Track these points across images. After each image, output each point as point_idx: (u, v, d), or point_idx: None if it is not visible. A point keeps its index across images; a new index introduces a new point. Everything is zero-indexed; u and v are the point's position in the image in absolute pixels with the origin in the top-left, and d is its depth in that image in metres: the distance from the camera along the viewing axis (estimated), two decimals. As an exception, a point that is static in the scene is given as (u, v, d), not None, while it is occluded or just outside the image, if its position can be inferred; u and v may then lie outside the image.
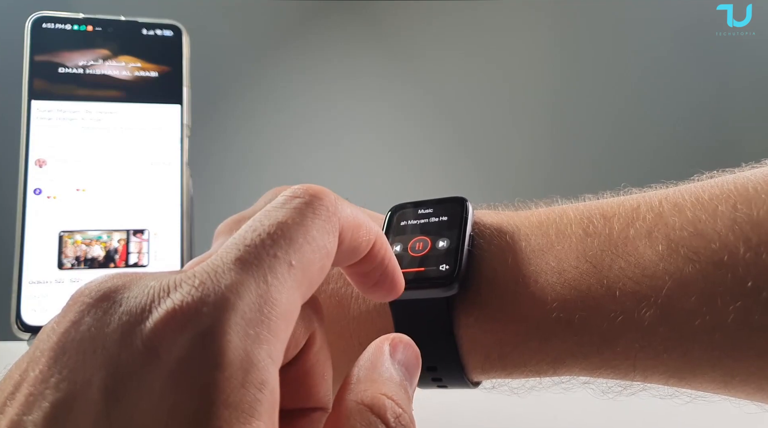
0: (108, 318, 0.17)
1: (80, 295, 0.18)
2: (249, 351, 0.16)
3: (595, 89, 1.30)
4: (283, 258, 0.18)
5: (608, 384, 0.28)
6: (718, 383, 0.25)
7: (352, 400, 0.19)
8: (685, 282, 0.25)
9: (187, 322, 0.16)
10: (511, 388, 0.30)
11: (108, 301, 0.17)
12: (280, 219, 0.19)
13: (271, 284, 0.17)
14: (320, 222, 0.19)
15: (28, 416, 0.15)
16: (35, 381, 0.16)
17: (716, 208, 0.25)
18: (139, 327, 0.16)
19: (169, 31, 0.60)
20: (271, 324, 0.17)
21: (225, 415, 0.15)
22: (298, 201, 0.19)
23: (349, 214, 0.21)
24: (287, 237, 0.18)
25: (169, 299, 0.16)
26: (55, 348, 0.17)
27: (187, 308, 0.16)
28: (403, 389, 0.20)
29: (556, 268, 0.27)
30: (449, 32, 1.30)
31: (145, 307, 0.17)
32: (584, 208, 0.29)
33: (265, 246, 0.18)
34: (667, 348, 0.25)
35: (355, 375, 0.20)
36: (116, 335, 0.16)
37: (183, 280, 0.17)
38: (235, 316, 0.16)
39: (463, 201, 0.30)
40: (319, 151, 1.23)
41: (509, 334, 0.27)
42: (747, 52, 1.24)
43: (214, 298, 0.16)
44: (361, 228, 0.21)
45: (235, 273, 0.17)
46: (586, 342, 0.26)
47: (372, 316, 0.30)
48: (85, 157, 0.56)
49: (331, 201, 0.20)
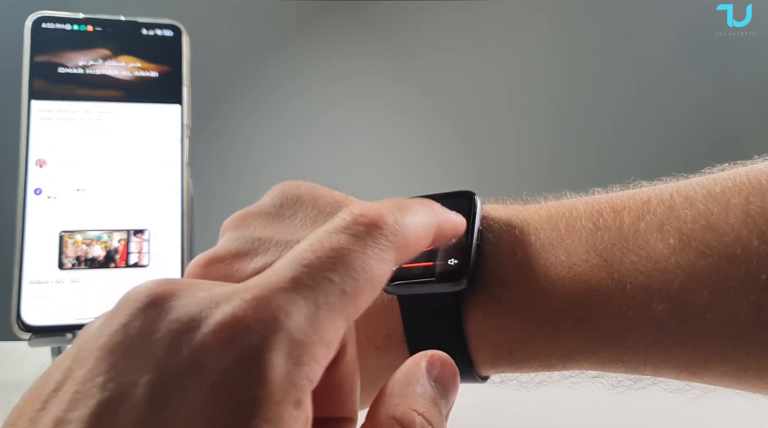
0: (157, 325, 0.17)
1: (128, 299, 0.18)
2: (290, 371, 0.16)
3: (596, 89, 1.30)
4: (337, 284, 0.18)
5: (618, 378, 0.28)
6: (730, 377, 0.25)
7: (383, 413, 0.19)
8: (697, 276, 0.24)
9: (235, 336, 0.16)
10: (520, 382, 0.30)
11: (157, 308, 0.17)
12: (342, 243, 0.19)
13: (321, 308, 0.17)
14: (378, 252, 0.19)
15: (73, 413, 0.16)
16: (82, 379, 0.16)
17: (729, 200, 0.25)
18: (187, 336, 0.16)
19: (169, 31, 0.60)
20: (315, 349, 0.17)
21: None
22: (359, 228, 0.19)
23: (408, 234, 0.21)
24: (344, 264, 0.18)
25: (220, 311, 0.17)
26: (103, 349, 0.17)
27: (237, 322, 0.16)
28: (437, 407, 0.20)
29: (566, 262, 0.27)
30: (449, 31, 1.30)
31: (194, 317, 0.17)
32: (594, 202, 0.29)
33: (322, 270, 0.18)
34: (679, 342, 0.25)
35: (390, 388, 0.20)
36: (165, 342, 0.16)
37: (235, 294, 0.17)
38: (282, 336, 0.16)
39: (471, 195, 0.30)
40: (319, 150, 1.23)
41: (518, 329, 0.27)
42: (747, 52, 1.24)
43: (265, 316, 0.16)
44: (419, 241, 0.22)
45: (288, 293, 0.17)
46: (597, 336, 0.26)
47: (380, 311, 0.29)
48: (85, 157, 0.56)
49: (391, 229, 0.20)
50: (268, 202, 0.34)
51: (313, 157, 1.21)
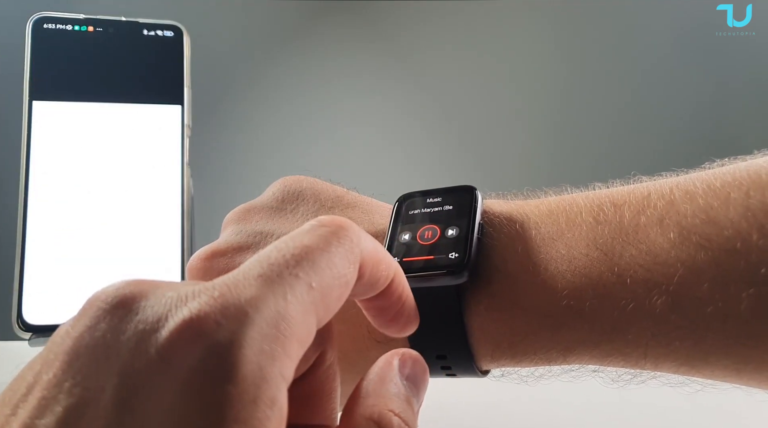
0: (123, 326, 0.17)
1: (96, 300, 0.18)
2: (263, 366, 0.16)
3: (596, 88, 1.30)
4: (304, 279, 0.18)
5: (618, 372, 0.28)
6: (730, 371, 0.25)
7: (360, 414, 0.19)
8: (698, 270, 0.24)
9: (203, 333, 0.16)
10: (520, 376, 0.30)
11: (124, 309, 0.17)
12: (306, 242, 0.19)
13: (290, 302, 0.17)
14: (343, 252, 0.19)
15: (40, 420, 0.15)
16: (48, 384, 0.16)
17: (728, 194, 0.25)
18: (154, 335, 0.16)
19: (170, 31, 0.60)
20: (286, 343, 0.16)
21: None
22: (324, 229, 0.20)
23: (371, 247, 0.21)
24: (310, 260, 0.18)
25: (186, 308, 0.16)
26: (70, 353, 0.16)
27: (204, 318, 0.16)
28: (410, 405, 0.20)
29: (567, 256, 0.27)
30: (450, 31, 1.31)
31: (161, 317, 0.16)
32: (594, 196, 0.29)
33: (288, 266, 0.18)
34: (679, 336, 0.25)
35: (364, 388, 0.20)
36: (131, 343, 0.16)
37: (202, 291, 0.17)
38: (252, 330, 0.16)
39: (472, 189, 0.30)
40: (319, 150, 1.23)
41: (519, 323, 0.27)
42: (747, 52, 1.24)
43: (232, 311, 0.16)
44: (381, 263, 0.22)
45: (256, 288, 0.17)
46: (597, 330, 0.26)
47: None
48: (86, 157, 0.56)
49: (356, 233, 0.20)
50: (270, 196, 0.35)
51: (313, 157, 1.21)
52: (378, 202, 0.35)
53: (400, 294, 0.23)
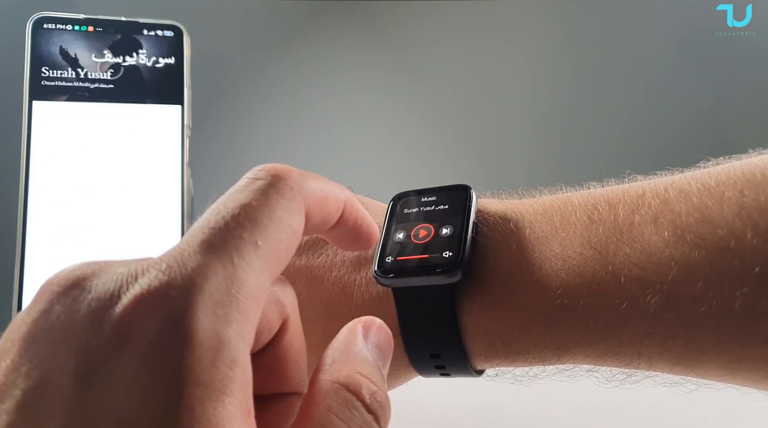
0: (77, 306, 0.17)
1: (49, 285, 0.18)
2: (218, 331, 0.16)
3: (595, 88, 1.30)
4: (248, 239, 0.18)
5: (612, 372, 0.28)
6: (724, 370, 0.25)
7: (327, 380, 0.19)
8: (691, 268, 0.24)
9: (156, 306, 0.16)
10: (514, 376, 0.30)
11: (77, 289, 0.17)
12: (244, 201, 0.19)
13: (238, 265, 0.17)
14: (285, 202, 0.19)
15: (0, 406, 0.15)
16: (6, 371, 0.16)
17: (723, 193, 0.25)
18: (108, 312, 0.16)
19: (170, 31, 0.60)
20: (240, 304, 0.17)
21: (197, 394, 0.15)
22: (260, 182, 0.20)
23: (314, 188, 0.21)
24: (252, 219, 0.18)
25: (137, 284, 0.17)
26: (26, 338, 0.17)
27: (155, 292, 0.16)
28: (377, 369, 0.20)
29: (561, 255, 0.27)
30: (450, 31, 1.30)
31: (114, 293, 0.17)
32: (589, 195, 0.29)
33: (230, 229, 0.18)
34: (673, 335, 0.25)
35: (330, 356, 0.20)
36: (86, 321, 0.16)
37: (150, 265, 0.17)
38: (203, 298, 0.16)
39: (467, 188, 0.30)
40: (320, 150, 1.23)
41: (513, 321, 0.27)
42: (747, 52, 1.23)
43: (181, 281, 0.16)
44: (328, 199, 0.22)
45: (201, 256, 0.17)
46: (591, 329, 0.26)
47: (375, 303, 0.29)
48: (86, 157, 0.56)
49: (294, 179, 0.20)
50: None
51: (314, 157, 1.21)
52: (373, 201, 0.35)
53: (354, 220, 0.24)
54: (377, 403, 0.19)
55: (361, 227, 0.24)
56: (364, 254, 0.31)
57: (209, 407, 0.15)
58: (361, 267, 0.31)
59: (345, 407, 0.18)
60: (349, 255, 0.31)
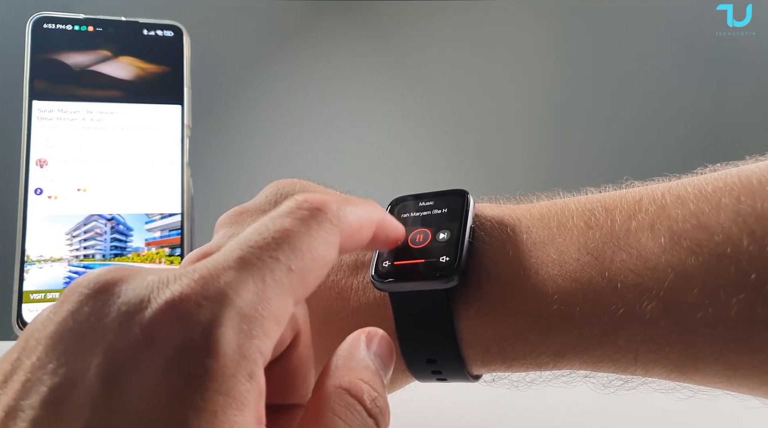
0: (107, 309, 0.17)
1: (78, 286, 0.18)
2: (241, 344, 0.17)
3: (595, 89, 1.30)
4: (284, 262, 0.18)
5: (609, 378, 0.28)
6: (720, 377, 0.25)
7: (331, 385, 0.20)
8: (688, 275, 0.24)
9: (185, 313, 0.16)
10: (511, 381, 0.30)
11: (107, 293, 0.18)
12: (287, 226, 0.19)
13: (269, 285, 0.18)
14: (323, 234, 0.20)
15: (25, 401, 0.16)
16: (32, 368, 0.17)
17: (720, 200, 0.25)
18: (138, 316, 0.17)
19: (170, 31, 0.60)
20: (264, 323, 0.17)
21: (220, 401, 0.16)
22: (303, 212, 0.20)
23: (351, 221, 0.22)
24: (290, 244, 0.19)
25: (169, 290, 0.17)
26: (53, 337, 0.17)
27: (186, 299, 0.17)
28: (378, 376, 0.21)
29: (557, 261, 0.27)
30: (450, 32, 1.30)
31: (144, 298, 0.17)
32: (586, 201, 0.29)
33: (269, 249, 0.18)
34: (669, 341, 0.25)
35: (334, 363, 0.21)
36: (115, 324, 0.17)
37: (183, 274, 0.18)
38: (232, 311, 0.17)
39: (464, 193, 0.30)
40: (319, 150, 1.23)
41: (509, 327, 0.27)
42: (747, 52, 1.23)
43: (213, 293, 0.17)
44: (362, 229, 0.23)
45: (236, 271, 0.18)
46: (587, 335, 0.26)
47: (372, 308, 0.29)
48: (86, 157, 0.56)
49: (334, 214, 0.21)
50: (263, 199, 0.35)
51: (313, 157, 1.21)
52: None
53: (384, 238, 0.25)
54: (377, 408, 0.20)
55: (390, 237, 0.26)
56: (361, 258, 0.31)
57: (230, 414, 0.16)
58: (358, 271, 0.30)
59: (347, 410, 0.19)
60: (347, 260, 0.31)
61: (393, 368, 0.23)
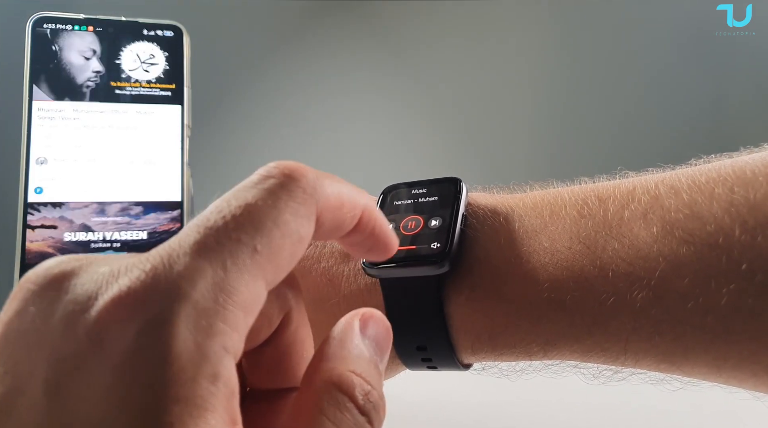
0: (53, 308, 0.16)
1: (26, 282, 0.17)
2: (200, 343, 0.15)
3: (594, 88, 1.30)
4: (247, 242, 0.16)
5: (599, 368, 0.28)
6: (710, 367, 0.25)
7: (319, 378, 0.18)
8: (679, 264, 0.24)
9: (134, 311, 0.15)
10: (500, 370, 0.30)
11: (54, 290, 0.16)
12: (249, 200, 0.17)
13: (230, 271, 0.16)
14: (294, 205, 0.18)
15: None
16: None
17: (713, 190, 0.25)
18: (83, 316, 0.15)
19: (170, 31, 0.61)
20: (228, 315, 0.16)
21: (176, 410, 0.14)
22: (271, 181, 0.18)
23: (329, 192, 0.19)
24: (254, 221, 0.17)
25: (116, 285, 0.15)
26: (0, 340, 0.16)
27: (134, 295, 0.15)
28: (373, 365, 0.19)
29: (549, 249, 0.27)
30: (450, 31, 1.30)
31: (91, 295, 0.16)
32: (579, 191, 0.29)
33: (228, 230, 0.16)
34: (660, 331, 0.25)
35: (324, 352, 0.19)
36: (60, 326, 0.15)
37: (134, 265, 0.16)
38: (187, 306, 0.15)
39: (457, 181, 0.30)
40: (319, 150, 1.23)
41: (500, 314, 0.27)
42: (747, 52, 1.23)
43: (164, 285, 0.15)
44: (343, 206, 0.20)
45: (191, 258, 0.16)
46: (578, 323, 0.26)
47: (363, 295, 0.29)
48: (86, 157, 0.56)
49: (309, 181, 0.18)
50: None
51: (314, 157, 1.21)
52: None
53: (372, 228, 0.22)
54: (370, 404, 0.18)
55: (379, 237, 0.22)
56: None
57: (190, 424, 0.14)
58: (349, 258, 0.30)
59: (336, 409, 0.17)
60: (338, 246, 0.31)
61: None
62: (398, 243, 0.24)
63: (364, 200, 0.21)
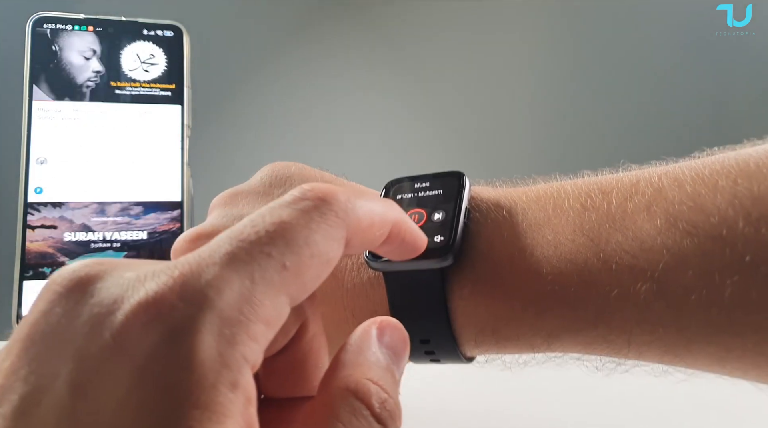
0: (78, 310, 0.16)
1: (52, 283, 0.17)
2: (222, 352, 0.15)
3: (594, 88, 1.30)
4: (277, 258, 0.17)
5: (602, 360, 0.28)
6: (713, 359, 0.25)
7: (336, 385, 0.18)
8: (683, 257, 0.24)
9: (159, 316, 0.15)
10: (504, 362, 0.30)
11: (80, 292, 0.16)
12: (284, 218, 0.18)
13: (257, 284, 0.16)
14: (326, 228, 0.18)
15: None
16: (6, 373, 0.16)
17: (716, 182, 0.25)
18: (108, 319, 0.15)
19: (170, 31, 0.61)
20: (250, 326, 0.16)
21: (196, 415, 0.14)
22: (306, 203, 0.18)
23: (360, 215, 0.20)
24: (287, 238, 0.17)
25: (143, 289, 0.16)
26: (25, 340, 0.16)
27: (160, 300, 0.15)
28: (390, 373, 0.19)
29: (553, 242, 0.27)
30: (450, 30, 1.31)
31: (117, 299, 0.16)
32: (583, 184, 0.29)
33: (261, 244, 0.17)
34: (663, 323, 0.25)
35: (341, 359, 0.19)
36: (86, 328, 0.16)
37: (162, 270, 0.16)
38: (212, 315, 0.15)
39: (460, 174, 0.30)
40: (319, 150, 1.23)
41: (503, 307, 0.27)
42: (747, 52, 1.23)
43: (191, 293, 0.15)
44: (373, 226, 0.21)
45: (221, 268, 0.16)
46: (581, 316, 0.26)
47: (366, 288, 0.29)
48: (86, 157, 0.56)
49: (341, 205, 0.19)
50: (258, 180, 0.35)
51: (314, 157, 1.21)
52: (366, 187, 0.35)
53: (400, 241, 0.23)
54: (387, 412, 0.18)
55: (408, 243, 0.23)
56: None
57: None
58: None
59: (352, 415, 0.17)
60: None
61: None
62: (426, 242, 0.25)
63: (393, 215, 0.22)
